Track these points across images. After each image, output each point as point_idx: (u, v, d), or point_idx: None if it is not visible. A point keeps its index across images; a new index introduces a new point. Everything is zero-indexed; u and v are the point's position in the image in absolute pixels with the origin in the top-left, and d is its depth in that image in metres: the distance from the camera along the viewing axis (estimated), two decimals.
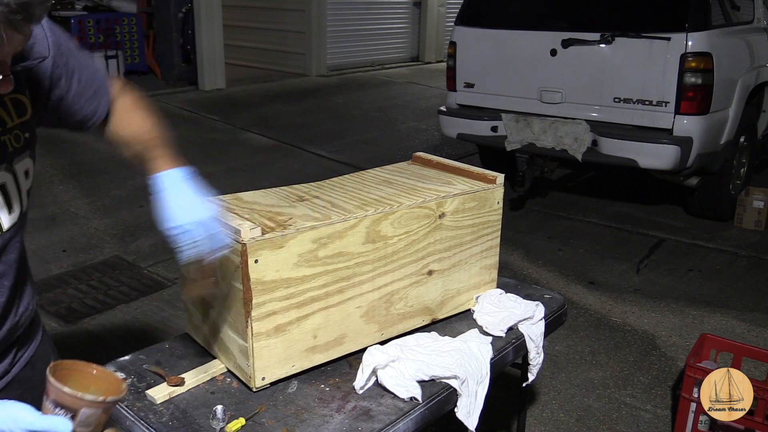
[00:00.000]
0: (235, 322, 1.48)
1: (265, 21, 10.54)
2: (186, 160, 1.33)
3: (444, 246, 1.75)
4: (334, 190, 1.76)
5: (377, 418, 1.43)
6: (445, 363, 1.57)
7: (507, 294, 1.90)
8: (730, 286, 3.77)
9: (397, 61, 11.82)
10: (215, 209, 1.28)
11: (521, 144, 4.64)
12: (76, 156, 5.86)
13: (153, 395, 1.47)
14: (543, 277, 3.91)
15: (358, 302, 1.61)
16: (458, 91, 5.08)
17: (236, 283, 1.43)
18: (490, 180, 1.83)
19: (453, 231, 1.75)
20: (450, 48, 5.12)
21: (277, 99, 8.62)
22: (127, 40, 8.79)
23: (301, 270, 1.48)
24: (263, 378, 1.49)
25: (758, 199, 4.58)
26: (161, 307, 3.51)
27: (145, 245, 4.22)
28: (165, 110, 7.69)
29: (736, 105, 4.41)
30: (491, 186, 1.82)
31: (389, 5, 11.58)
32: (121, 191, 5.08)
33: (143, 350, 1.69)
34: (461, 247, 1.79)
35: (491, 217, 1.84)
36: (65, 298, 3.56)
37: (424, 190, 1.75)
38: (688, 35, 4.05)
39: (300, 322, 1.51)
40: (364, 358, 1.55)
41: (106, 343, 3.18)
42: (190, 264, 1.27)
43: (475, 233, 1.81)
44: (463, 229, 1.78)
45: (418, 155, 2.06)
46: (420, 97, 8.99)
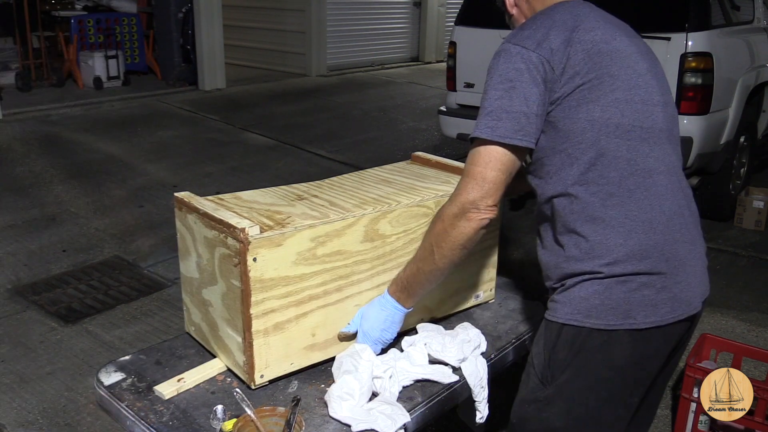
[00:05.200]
0: (234, 320, 1.48)
1: (265, 21, 10.54)
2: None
3: None
4: (332, 189, 1.77)
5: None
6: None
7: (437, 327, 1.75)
8: (730, 286, 3.76)
9: (397, 61, 11.81)
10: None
11: None
12: (76, 156, 5.86)
13: (161, 391, 1.47)
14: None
15: (357, 300, 1.61)
16: (458, 91, 5.08)
17: (235, 281, 1.43)
18: None
19: None
20: (450, 48, 5.12)
21: (277, 99, 8.62)
22: (127, 40, 8.79)
23: (300, 268, 1.48)
24: (262, 376, 1.49)
25: (758, 199, 4.58)
26: (161, 307, 3.51)
27: (145, 245, 4.22)
28: (165, 110, 7.69)
29: (736, 105, 4.41)
30: None
31: (389, 5, 11.58)
32: (121, 191, 5.08)
33: (143, 350, 1.69)
34: None
35: None
36: (65, 298, 3.56)
37: (423, 189, 1.75)
38: (688, 35, 4.05)
39: (299, 320, 1.51)
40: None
41: (106, 343, 3.18)
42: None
43: None
44: None
45: (417, 155, 2.07)
46: (420, 97, 8.99)
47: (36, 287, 3.67)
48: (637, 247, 1.35)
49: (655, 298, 1.36)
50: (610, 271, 1.35)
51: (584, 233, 1.36)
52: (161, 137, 6.58)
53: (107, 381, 1.54)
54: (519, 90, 1.33)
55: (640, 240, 1.35)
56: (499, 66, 1.37)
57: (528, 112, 1.34)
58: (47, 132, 6.57)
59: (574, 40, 1.36)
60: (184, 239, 1.62)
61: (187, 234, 1.60)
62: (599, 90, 1.34)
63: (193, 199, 1.58)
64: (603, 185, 1.35)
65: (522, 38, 1.38)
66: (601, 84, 1.34)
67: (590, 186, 1.35)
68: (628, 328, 1.36)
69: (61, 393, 2.82)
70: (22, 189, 5.05)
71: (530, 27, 1.40)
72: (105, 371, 1.58)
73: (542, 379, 1.45)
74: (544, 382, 1.44)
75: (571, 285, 1.40)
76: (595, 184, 1.35)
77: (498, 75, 1.36)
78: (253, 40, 10.66)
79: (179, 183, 5.14)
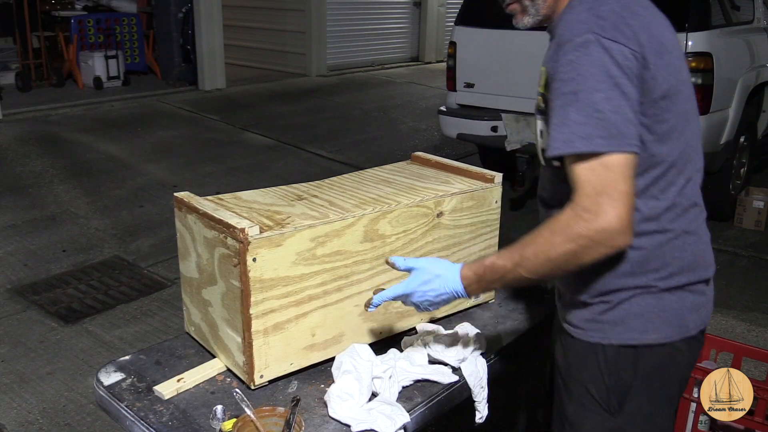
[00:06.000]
0: (234, 320, 1.48)
1: (265, 21, 10.54)
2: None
3: (442, 245, 1.74)
4: (332, 189, 1.77)
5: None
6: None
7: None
8: (730, 286, 3.76)
9: (397, 61, 11.82)
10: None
11: (521, 144, 4.63)
12: (76, 156, 5.86)
13: (161, 391, 1.47)
14: None
15: (356, 300, 1.61)
16: (458, 91, 5.08)
17: (235, 282, 1.43)
18: (489, 179, 1.83)
19: (451, 230, 1.75)
20: (450, 48, 5.12)
21: (277, 99, 8.62)
22: (127, 40, 8.79)
23: (299, 268, 1.48)
24: (261, 376, 1.49)
25: (758, 199, 4.57)
26: (161, 307, 3.51)
27: (145, 245, 4.22)
28: (165, 110, 7.69)
29: (736, 105, 4.41)
30: (489, 185, 1.82)
31: (389, 5, 11.58)
32: (121, 191, 5.08)
33: (143, 350, 1.69)
34: (459, 246, 1.79)
35: (489, 216, 1.84)
36: (65, 298, 3.56)
37: (423, 189, 1.75)
38: (689, 35, 4.05)
39: (298, 320, 1.51)
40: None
41: (106, 343, 3.18)
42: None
43: (473, 232, 1.81)
44: (461, 228, 1.78)
45: (416, 155, 2.06)
46: (420, 97, 8.99)
47: (36, 287, 3.67)
48: (691, 257, 1.33)
49: (698, 303, 1.35)
50: (665, 284, 1.31)
51: (640, 246, 1.28)
52: (161, 137, 6.58)
53: (107, 381, 1.54)
54: (622, 89, 1.18)
55: (692, 251, 1.33)
56: (594, 60, 1.18)
57: (633, 118, 1.19)
58: (47, 132, 6.57)
59: (646, 29, 1.23)
60: (183, 239, 1.62)
61: (187, 234, 1.60)
62: (676, 99, 1.26)
63: (192, 199, 1.58)
64: (664, 198, 1.29)
65: (606, 28, 1.20)
66: (678, 95, 1.27)
67: (650, 199, 1.28)
68: (684, 336, 1.34)
69: (61, 393, 2.82)
70: (22, 189, 5.05)
71: (608, 15, 1.22)
72: (105, 371, 1.58)
73: (608, 409, 1.37)
74: (612, 411, 1.37)
75: (618, 301, 1.32)
76: (655, 198, 1.28)
77: (595, 72, 1.17)
78: (253, 40, 10.66)
79: (179, 183, 5.14)
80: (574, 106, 1.18)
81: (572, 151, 1.18)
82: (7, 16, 8.15)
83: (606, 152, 1.16)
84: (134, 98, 8.09)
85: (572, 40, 1.21)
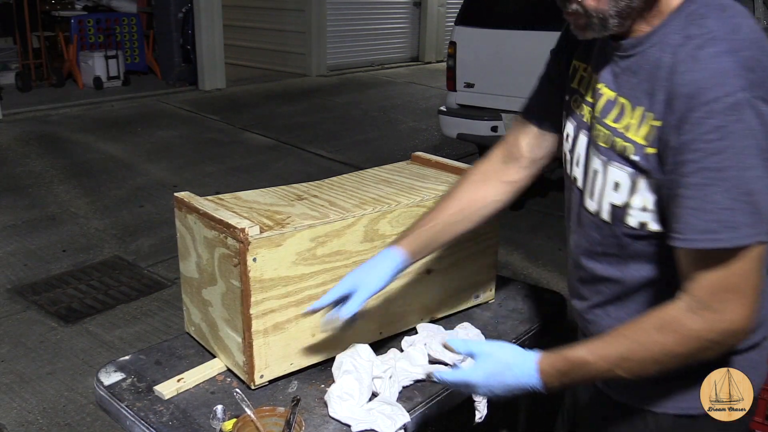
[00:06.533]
0: (234, 320, 1.48)
1: (265, 21, 10.54)
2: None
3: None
4: (332, 189, 1.76)
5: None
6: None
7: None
8: None
9: (397, 61, 11.82)
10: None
11: None
12: (76, 156, 5.87)
13: (161, 391, 1.47)
14: (543, 277, 3.91)
15: None
16: (458, 91, 5.08)
17: (235, 282, 1.43)
18: None
19: None
20: (450, 48, 5.12)
21: (277, 99, 8.62)
22: (127, 40, 8.79)
23: (300, 268, 1.48)
24: (261, 376, 1.49)
25: None
26: (161, 307, 3.51)
27: (145, 245, 4.22)
28: (165, 110, 7.70)
29: None
30: None
31: (389, 5, 11.58)
32: (121, 191, 5.08)
33: (143, 350, 1.69)
34: (459, 246, 1.78)
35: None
36: (65, 298, 3.56)
37: (423, 189, 1.75)
38: None
39: (298, 321, 1.51)
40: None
41: (106, 343, 3.19)
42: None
43: (473, 232, 1.81)
44: None
45: (417, 155, 2.06)
46: (420, 97, 8.99)
47: (36, 287, 3.67)
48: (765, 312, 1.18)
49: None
50: (763, 337, 1.21)
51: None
52: (161, 137, 6.58)
53: (107, 381, 1.54)
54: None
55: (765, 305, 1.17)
56: (748, 130, 0.94)
57: None
58: (47, 132, 6.57)
59: None
60: (183, 239, 1.62)
61: (187, 234, 1.60)
62: None
63: (193, 199, 1.58)
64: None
65: (757, 85, 0.95)
66: None
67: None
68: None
69: (61, 393, 2.82)
70: (22, 189, 5.05)
71: (755, 65, 0.96)
72: (105, 371, 1.58)
73: None
74: None
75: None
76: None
77: (748, 146, 0.94)
78: (253, 40, 10.66)
79: (179, 183, 5.14)
80: (719, 185, 0.95)
81: (715, 246, 0.97)
82: (7, 16, 8.15)
83: (750, 245, 0.97)
84: (134, 98, 8.09)
85: (719, 99, 0.94)
